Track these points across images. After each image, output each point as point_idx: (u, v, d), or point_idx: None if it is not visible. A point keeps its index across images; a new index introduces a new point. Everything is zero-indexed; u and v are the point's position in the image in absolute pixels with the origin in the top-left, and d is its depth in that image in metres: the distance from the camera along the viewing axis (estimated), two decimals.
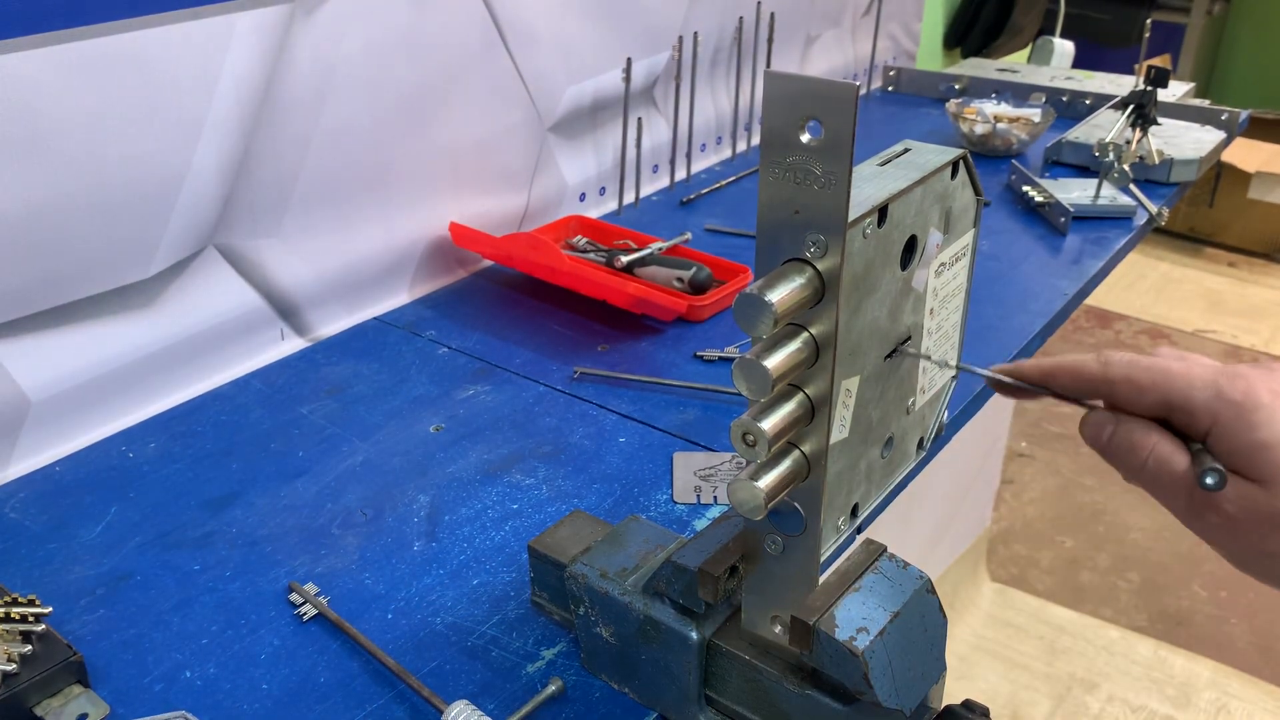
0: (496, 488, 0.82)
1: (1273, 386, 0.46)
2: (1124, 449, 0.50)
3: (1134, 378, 0.49)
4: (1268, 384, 0.46)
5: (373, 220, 1.07)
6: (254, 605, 0.71)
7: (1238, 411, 0.46)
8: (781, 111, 0.43)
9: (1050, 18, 2.28)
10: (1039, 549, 2.34)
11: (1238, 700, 1.93)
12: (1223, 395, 0.46)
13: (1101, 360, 0.51)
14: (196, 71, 0.86)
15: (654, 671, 0.61)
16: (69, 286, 0.84)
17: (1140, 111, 1.40)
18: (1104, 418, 0.51)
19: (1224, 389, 0.46)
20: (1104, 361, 0.50)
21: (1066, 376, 0.52)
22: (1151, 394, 0.49)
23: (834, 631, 0.52)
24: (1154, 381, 0.48)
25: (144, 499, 0.81)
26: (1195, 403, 0.47)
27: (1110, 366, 0.50)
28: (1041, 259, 1.22)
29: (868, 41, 1.87)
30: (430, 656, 0.66)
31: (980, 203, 0.57)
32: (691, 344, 1.03)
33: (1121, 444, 0.50)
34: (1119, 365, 0.50)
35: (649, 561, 0.63)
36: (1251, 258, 3.60)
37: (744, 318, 0.44)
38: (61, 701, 0.61)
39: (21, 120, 0.76)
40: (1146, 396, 0.49)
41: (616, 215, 1.35)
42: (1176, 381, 0.48)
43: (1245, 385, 0.46)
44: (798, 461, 0.49)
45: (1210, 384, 0.47)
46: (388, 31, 1.01)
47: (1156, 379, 0.48)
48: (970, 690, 1.92)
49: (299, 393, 0.95)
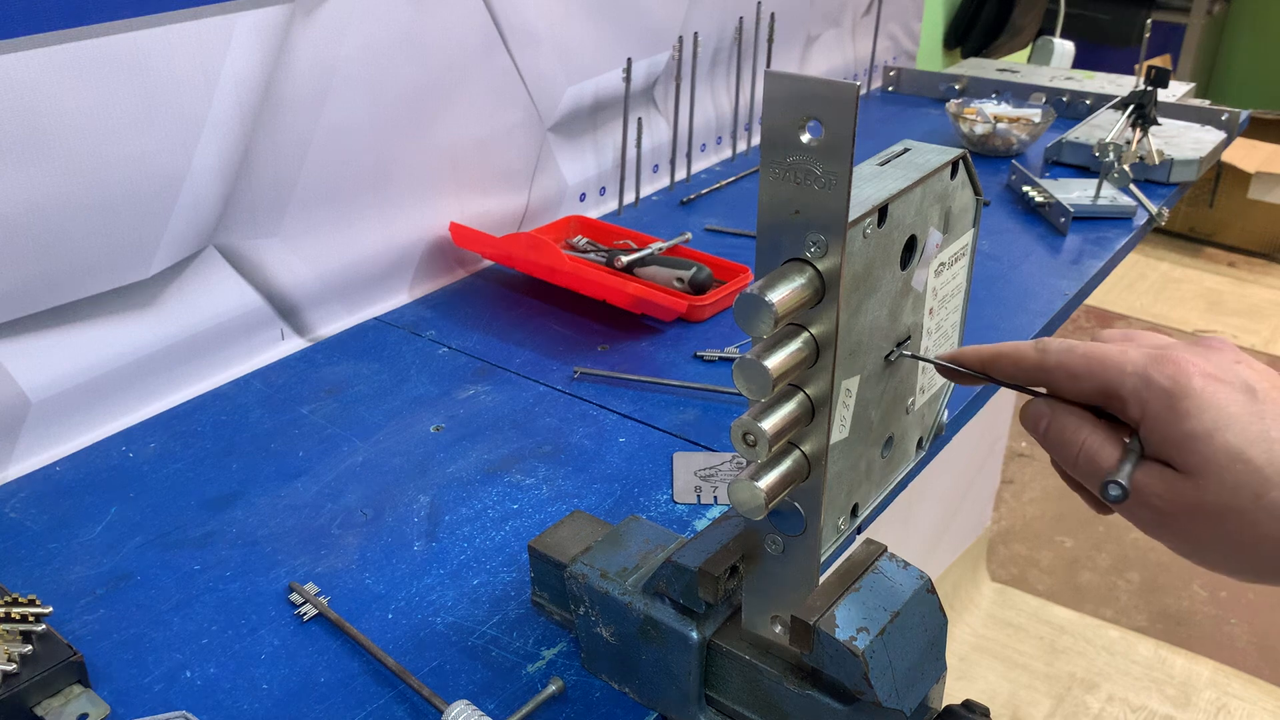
0: (496, 488, 0.82)
1: (1205, 370, 0.44)
2: (1058, 441, 0.49)
3: (1069, 365, 0.48)
4: (1200, 368, 0.44)
5: (373, 220, 1.07)
6: (254, 605, 0.71)
7: (1166, 400, 0.44)
8: (782, 111, 0.43)
9: (1050, 18, 2.28)
10: (1039, 549, 2.34)
11: (1238, 700, 1.93)
12: (1151, 383, 0.45)
13: (1039, 348, 0.49)
14: (196, 71, 0.86)
15: (654, 671, 0.61)
16: (69, 286, 0.84)
17: (1140, 111, 1.40)
18: (1041, 408, 0.50)
19: (1152, 376, 0.45)
20: (1041, 349, 0.49)
21: (1007, 363, 0.51)
22: (1087, 381, 0.47)
23: (834, 631, 0.52)
24: (1089, 369, 0.47)
25: (144, 499, 0.81)
26: (1125, 390, 0.46)
27: (1046, 354, 0.49)
28: (1041, 259, 1.22)
29: (868, 41, 1.87)
30: (430, 656, 0.66)
31: (980, 203, 0.57)
32: (691, 344, 1.03)
33: (1056, 436, 0.49)
34: (1054, 353, 0.49)
35: (649, 561, 0.63)
36: (1251, 258, 3.60)
37: (744, 318, 0.44)
38: (62, 701, 0.61)
39: (21, 120, 0.76)
40: (1083, 384, 0.48)
41: (616, 215, 1.35)
42: (1109, 369, 0.46)
43: (1174, 371, 0.44)
44: (798, 461, 0.49)
45: (1140, 370, 0.45)
46: (388, 31, 1.01)
47: (1091, 366, 0.47)
48: (970, 690, 1.92)
49: (299, 393, 0.95)
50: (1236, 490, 0.43)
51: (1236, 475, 0.43)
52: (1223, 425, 0.43)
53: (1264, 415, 0.43)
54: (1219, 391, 0.44)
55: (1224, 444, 0.43)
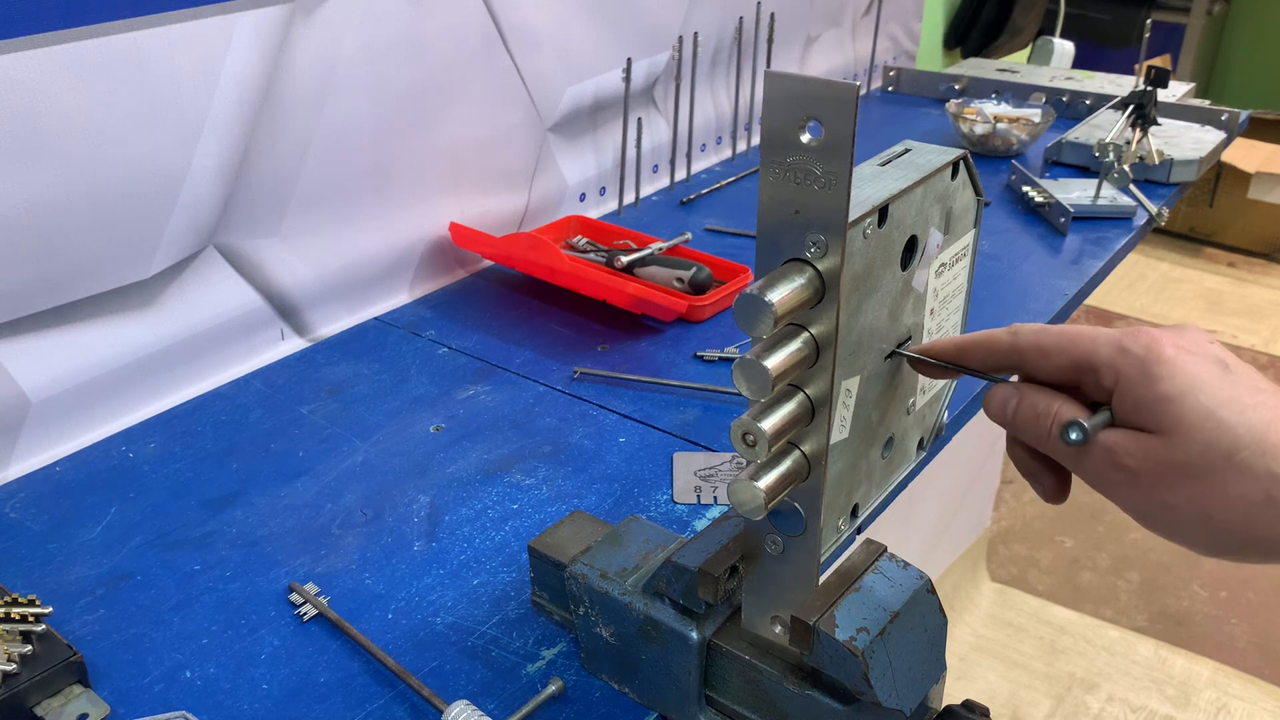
0: (496, 488, 0.82)
1: (1178, 343, 0.46)
2: (1029, 418, 0.49)
3: (1041, 343, 0.49)
4: (1173, 340, 0.46)
5: (373, 220, 1.07)
6: (254, 605, 0.71)
7: (1140, 365, 0.45)
8: (782, 111, 0.43)
9: (1050, 18, 2.28)
10: (1039, 549, 2.34)
11: (1238, 700, 1.93)
12: (1125, 350, 0.46)
13: (1011, 330, 0.51)
14: (196, 71, 0.86)
15: (654, 671, 0.61)
16: (69, 286, 0.84)
17: (1140, 112, 1.40)
18: (1007, 390, 0.51)
19: (1127, 345, 0.46)
20: (1013, 331, 0.50)
21: (979, 350, 0.52)
22: (1059, 357, 0.48)
23: (834, 631, 0.52)
24: (1060, 345, 0.48)
25: (144, 499, 0.81)
26: (1099, 359, 0.47)
27: (1019, 335, 0.50)
28: (1041, 259, 1.22)
29: (868, 41, 1.87)
30: (430, 656, 0.66)
31: (980, 203, 0.57)
32: (691, 344, 1.03)
33: (1027, 413, 0.49)
34: (1027, 333, 0.50)
35: (649, 561, 0.63)
36: (1251, 258, 3.60)
37: (744, 318, 0.44)
38: (61, 701, 0.61)
39: (22, 120, 0.76)
40: (1054, 360, 0.49)
41: (616, 215, 1.35)
42: (1082, 342, 0.48)
43: (1148, 340, 0.46)
44: (798, 461, 0.49)
45: (1114, 341, 0.47)
46: (388, 31, 1.01)
47: (1063, 342, 0.48)
48: (970, 690, 1.92)
49: (299, 393, 0.95)
50: (1208, 448, 0.44)
51: (1208, 434, 0.44)
52: (1195, 388, 0.44)
53: (1236, 383, 0.45)
54: (1191, 360, 0.45)
55: (1196, 404, 0.44)
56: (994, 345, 0.51)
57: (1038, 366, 0.50)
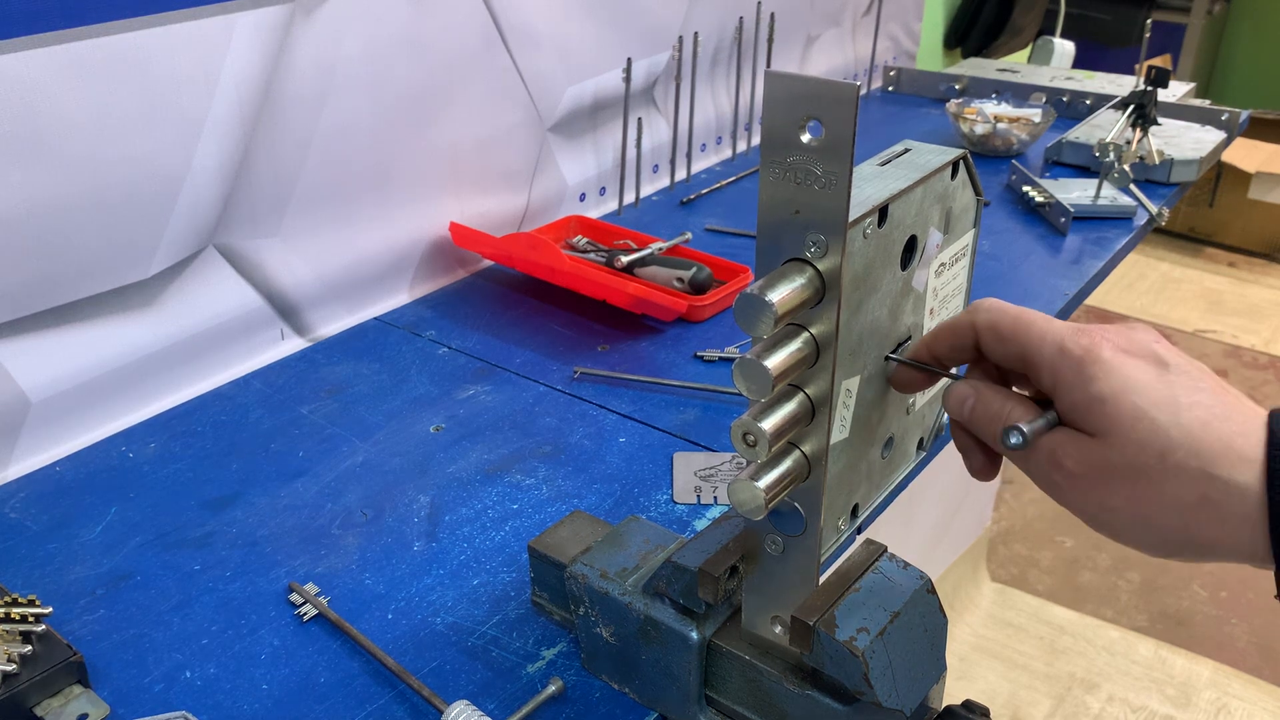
0: (496, 488, 0.82)
1: (1119, 344, 0.46)
2: (984, 419, 0.50)
3: (996, 324, 0.49)
4: (1115, 342, 0.46)
5: (373, 220, 1.07)
6: (254, 605, 0.71)
7: (1076, 367, 0.45)
8: (782, 111, 0.43)
9: (1050, 18, 2.28)
10: (1039, 549, 2.34)
11: (1238, 700, 1.93)
12: (1064, 352, 0.46)
13: (971, 308, 0.51)
14: (196, 71, 0.86)
15: (654, 672, 0.61)
16: (69, 286, 0.84)
17: (1140, 111, 1.40)
18: (965, 390, 0.51)
19: (1066, 346, 0.46)
20: (973, 309, 0.51)
21: (946, 333, 0.52)
22: (1010, 344, 0.49)
23: (834, 631, 0.52)
24: (1013, 331, 0.48)
25: (144, 499, 0.81)
26: (1041, 358, 0.47)
27: (977, 312, 0.50)
28: (1041, 259, 1.22)
29: (868, 41, 1.87)
30: (430, 656, 0.66)
31: (980, 203, 0.57)
32: (691, 344, 1.03)
33: (981, 414, 0.50)
34: (985, 311, 0.50)
35: (649, 562, 0.63)
36: (1251, 258, 3.60)
37: (744, 318, 0.44)
38: (61, 701, 0.61)
39: (22, 120, 0.76)
40: (1006, 346, 0.49)
41: (616, 215, 1.35)
42: (1031, 336, 0.48)
43: (1088, 342, 0.46)
44: (798, 461, 0.49)
45: (1057, 340, 0.47)
46: (388, 31, 1.01)
47: (1017, 330, 0.48)
48: (970, 690, 1.92)
49: (299, 393, 0.95)
50: (1141, 448, 0.44)
51: (1141, 434, 0.44)
52: (1129, 389, 0.44)
53: (1173, 384, 0.45)
54: (1127, 361, 0.45)
55: (1129, 405, 0.44)
56: (957, 325, 0.51)
57: (990, 347, 0.50)
